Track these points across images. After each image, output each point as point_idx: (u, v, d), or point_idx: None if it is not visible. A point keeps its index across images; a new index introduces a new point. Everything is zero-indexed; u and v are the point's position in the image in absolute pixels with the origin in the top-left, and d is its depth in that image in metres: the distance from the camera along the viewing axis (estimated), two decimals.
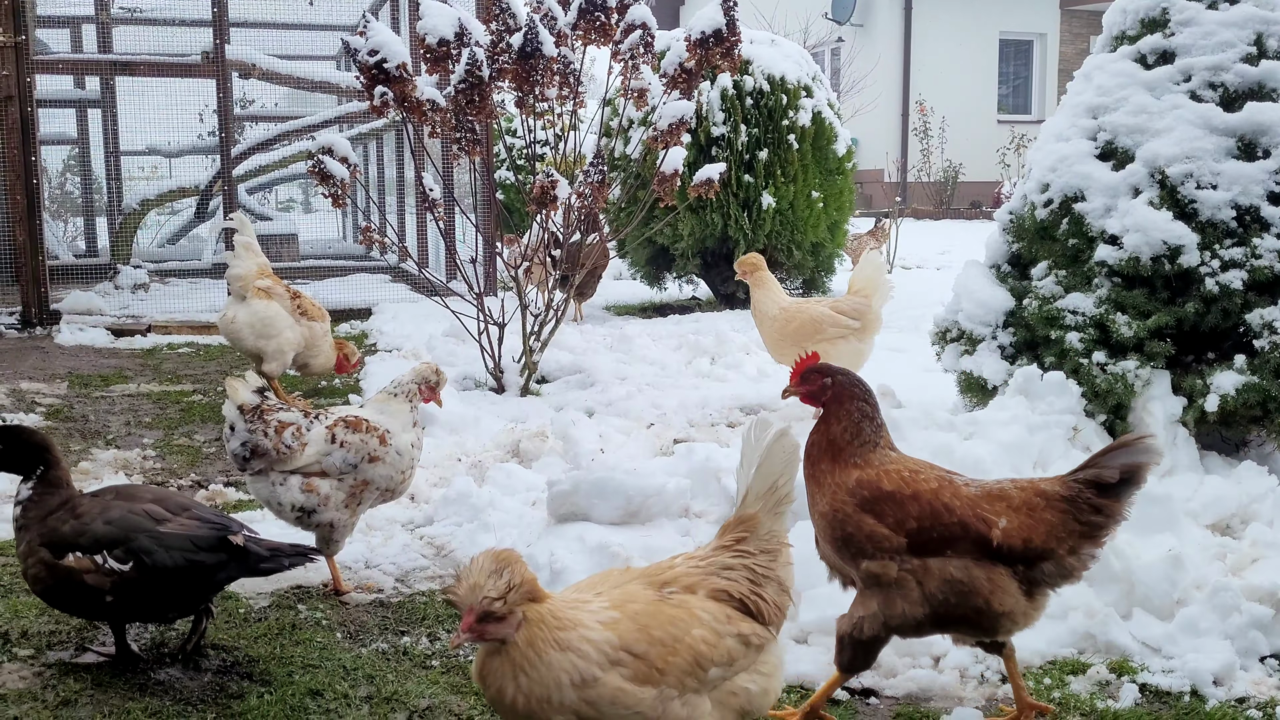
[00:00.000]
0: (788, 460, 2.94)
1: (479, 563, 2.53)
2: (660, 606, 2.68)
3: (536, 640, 2.52)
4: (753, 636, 2.78)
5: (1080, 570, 3.36)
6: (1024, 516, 3.31)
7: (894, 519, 3.34)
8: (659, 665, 2.59)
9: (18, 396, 7.51)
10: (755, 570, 2.88)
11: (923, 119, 28.59)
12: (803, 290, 12.09)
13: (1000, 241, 5.88)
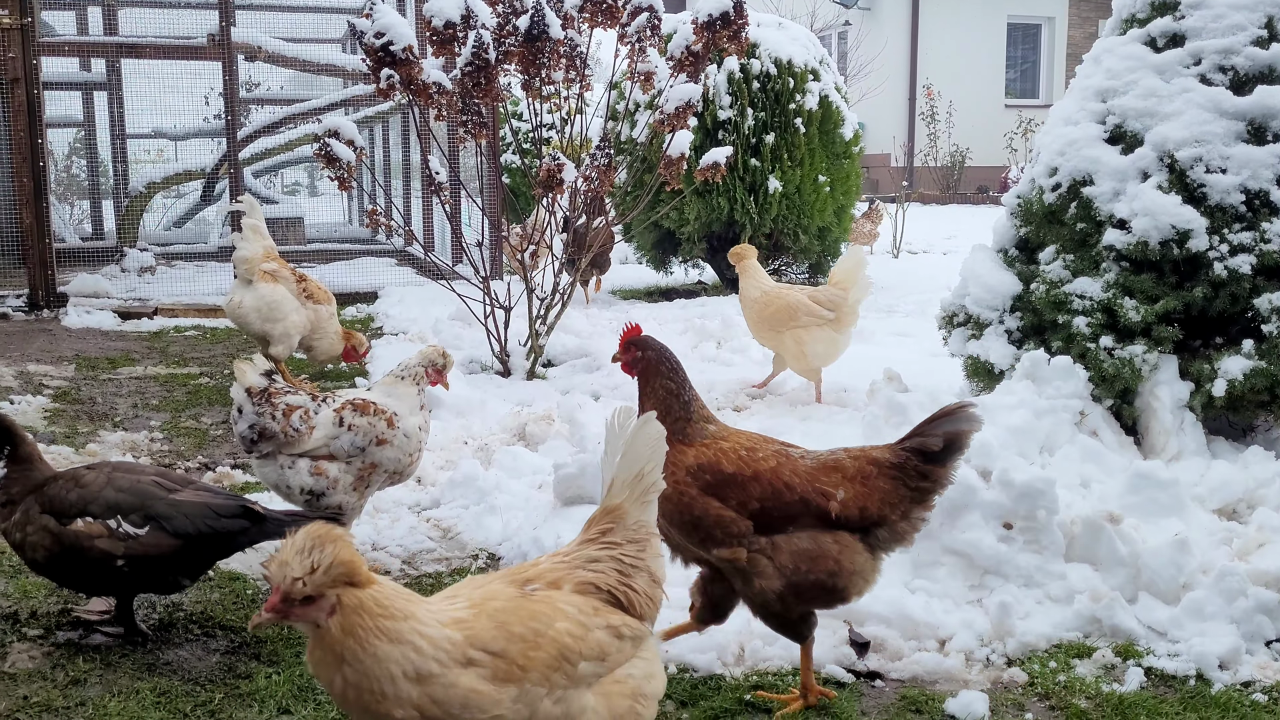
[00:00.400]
0: (653, 448, 2.81)
1: (294, 539, 2.33)
2: (521, 602, 2.55)
3: (356, 629, 2.33)
4: (624, 628, 2.66)
5: (912, 533, 3.48)
6: (859, 486, 3.42)
7: (738, 501, 3.39)
8: (520, 662, 2.45)
9: (25, 379, 7.53)
10: (623, 561, 2.77)
11: (930, 103, 28.48)
12: (809, 275, 12.07)
13: (1008, 225, 5.87)
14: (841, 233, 11.78)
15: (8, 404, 6.85)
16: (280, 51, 12.58)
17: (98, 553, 3.70)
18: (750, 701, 3.57)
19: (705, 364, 8.08)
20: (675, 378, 3.59)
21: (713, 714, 3.50)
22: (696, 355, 8.34)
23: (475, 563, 4.76)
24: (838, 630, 3.98)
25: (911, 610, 4.00)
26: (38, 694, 3.54)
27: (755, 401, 7.13)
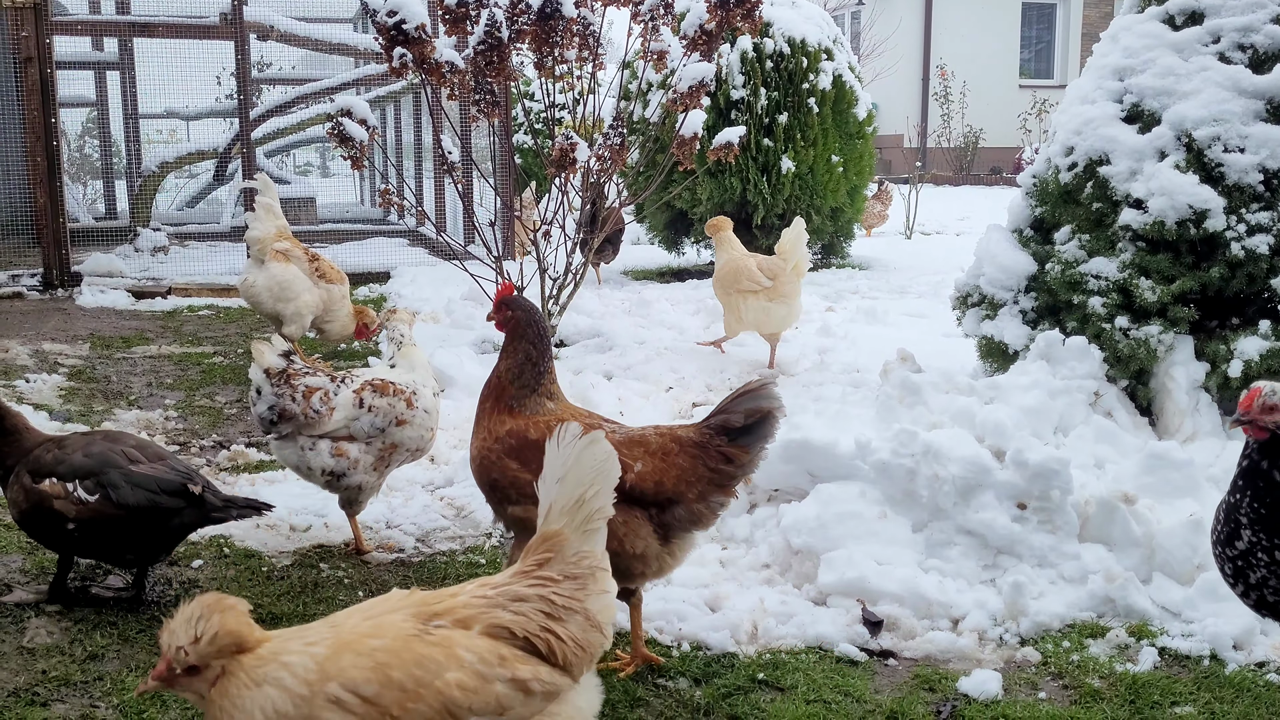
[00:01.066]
0: (598, 470, 2.56)
1: (186, 608, 2.25)
2: (411, 643, 2.29)
3: (231, 690, 2.21)
4: (534, 682, 2.36)
5: (709, 517, 3.47)
6: (658, 461, 3.42)
7: (536, 464, 3.28)
8: (394, 713, 2.21)
9: (40, 357, 7.57)
10: (553, 601, 2.47)
11: (943, 84, 28.31)
12: (821, 256, 12.03)
13: (1023, 205, 5.84)
14: (854, 213, 11.74)
15: (23, 382, 6.88)
16: (292, 31, 12.57)
17: (54, 512, 3.81)
18: (764, 680, 3.58)
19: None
20: (539, 344, 3.63)
21: (726, 691, 3.51)
22: (709, 335, 8.32)
23: (489, 540, 4.78)
24: (851, 609, 3.98)
25: (925, 589, 4.00)
26: (56, 668, 3.57)
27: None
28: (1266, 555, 3.00)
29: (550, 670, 2.41)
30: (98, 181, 18.04)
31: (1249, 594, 3.10)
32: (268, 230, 7.38)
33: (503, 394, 3.63)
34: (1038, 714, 3.37)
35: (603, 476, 2.58)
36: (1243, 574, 3.08)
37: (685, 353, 7.80)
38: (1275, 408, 2.93)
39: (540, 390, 3.62)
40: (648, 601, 4.02)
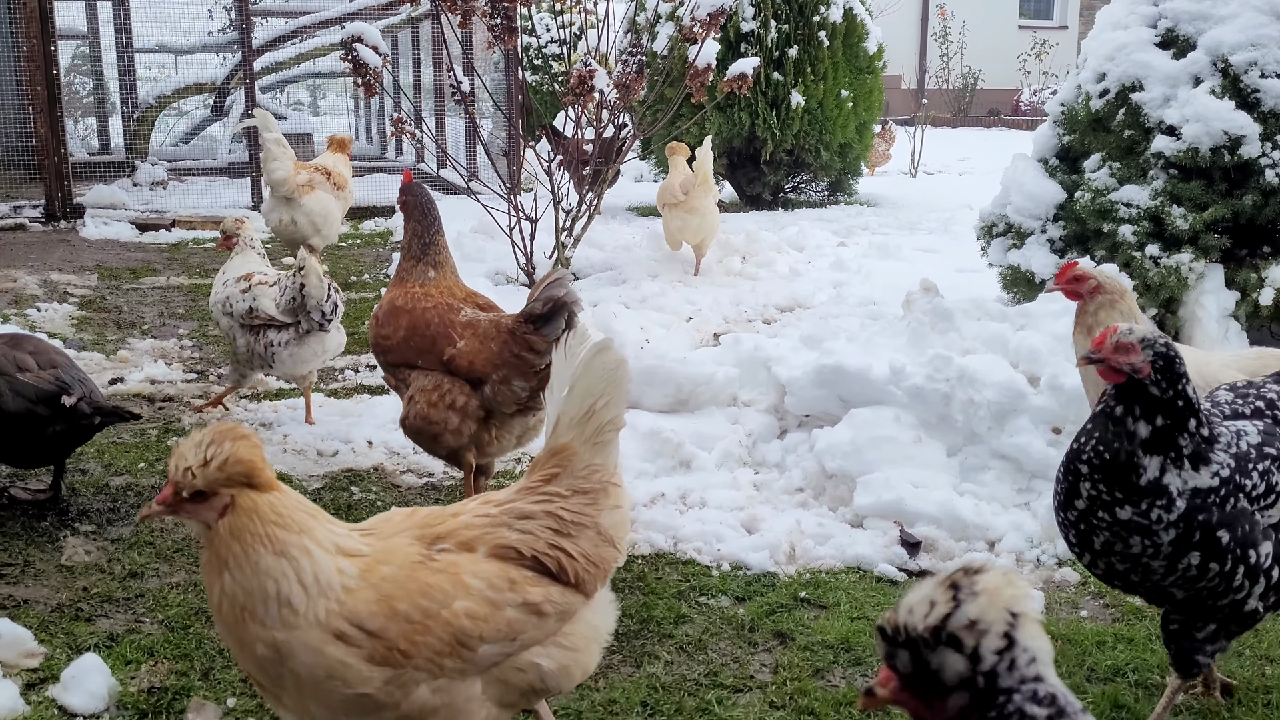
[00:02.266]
0: (609, 379, 2.42)
1: (197, 434, 2.11)
2: (416, 572, 2.16)
3: (244, 532, 2.07)
4: (546, 604, 2.25)
5: (512, 399, 3.72)
6: (477, 342, 3.76)
7: (392, 328, 3.89)
8: (402, 646, 2.10)
9: (50, 287, 7.49)
10: (562, 518, 2.35)
11: (943, 24, 28.00)
12: (829, 193, 11.95)
13: (1049, 135, 5.78)
14: (863, 150, 11.65)
15: (35, 311, 6.82)
16: None
17: None
18: (806, 598, 3.59)
19: (731, 277, 8.04)
20: (426, 221, 4.05)
21: (768, 609, 3.52)
22: (721, 269, 8.28)
23: (518, 466, 4.77)
24: (888, 531, 3.99)
25: (961, 512, 4.01)
26: (97, 586, 3.56)
27: (784, 314, 7.11)
28: (1108, 514, 2.59)
29: (562, 590, 2.29)
30: (89, 119, 17.78)
31: (1096, 563, 2.72)
32: (288, 169, 7.53)
33: (401, 267, 4.08)
34: (1081, 631, 3.39)
35: (614, 386, 2.44)
36: (1087, 540, 2.68)
37: (698, 285, 7.76)
38: (1129, 347, 2.56)
39: (426, 260, 4.01)
40: (685, 524, 4.03)
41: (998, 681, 1.33)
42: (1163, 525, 2.55)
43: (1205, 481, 2.56)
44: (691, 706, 2.99)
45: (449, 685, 2.17)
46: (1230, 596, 2.64)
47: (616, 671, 3.17)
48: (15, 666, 3.05)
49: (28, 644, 3.12)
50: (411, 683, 2.13)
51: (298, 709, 2.16)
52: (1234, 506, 2.58)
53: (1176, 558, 2.58)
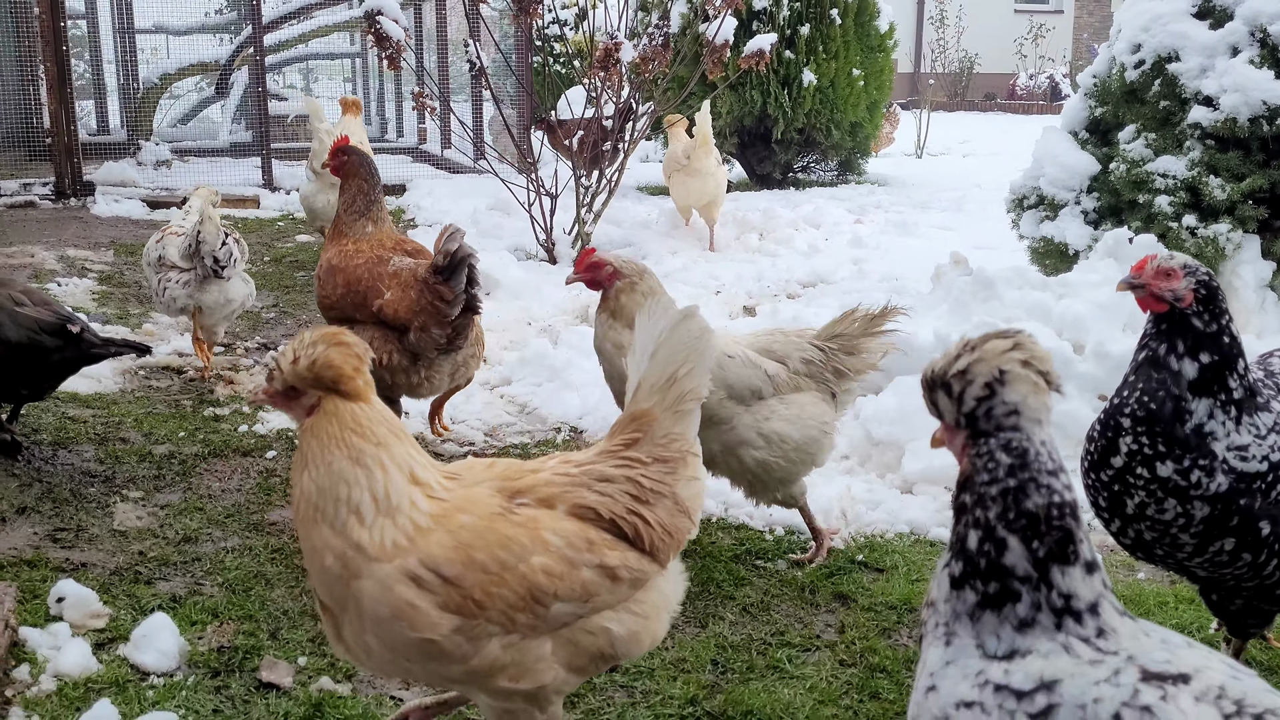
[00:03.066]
0: (692, 347, 2.38)
1: (304, 334, 2.15)
2: (495, 523, 2.14)
3: (323, 432, 2.09)
4: (622, 569, 2.23)
5: (431, 344, 4.03)
6: (400, 291, 4.03)
7: (330, 287, 4.20)
8: (477, 596, 2.08)
9: (68, 262, 7.44)
10: (641, 484, 2.31)
11: (940, 7, 27.96)
12: (839, 173, 11.94)
13: (1080, 107, 5.78)
14: (873, 129, 11.64)
15: (55, 285, 6.77)
16: None
17: None
18: (863, 561, 3.59)
19: (750, 254, 8.04)
20: (369, 180, 4.36)
21: (827, 571, 3.53)
22: (740, 246, 8.28)
23: (559, 435, 4.76)
24: (939, 496, 4.00)
25: None
26: (152, 550, 3.55)
27: (807, 290, 7.10)
28: (1147, 470, 2.45)
29: (638, 556, 2.26)
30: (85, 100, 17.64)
31: (1126, 530, 2.59)
32: None
33: (339, 223, 4.36)
34: (1141, 591, 3.40)
35: (697, 354, 2.39)
36: (1119, 503, 2.55)
37: (719, 261, 7.75)
38: (1171, 273, 2.44)
39: (368, 215, 4.31)
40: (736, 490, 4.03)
41: (977, 424, 1.57)
42: (1200, 494, 2.43)
43: (1253, 466, 2.43)
44: (762, 665, 3.00)
45: (520, 643, 2.14)
46: (1257, 582, 2.55)
47: (682, 632, 3.17)
48: (82, 626, 3.04)
49: (93, 605, 3.11)
50: (483, 635, 2.10)
51: (357, 644, 2.13)
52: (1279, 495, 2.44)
53: (1210, 538, 2.47)
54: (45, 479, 4.03)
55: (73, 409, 4.79)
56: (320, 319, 4.70)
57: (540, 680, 2.19)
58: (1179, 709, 1.40)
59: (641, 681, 2.91)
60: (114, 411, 4.82)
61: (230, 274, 5.27)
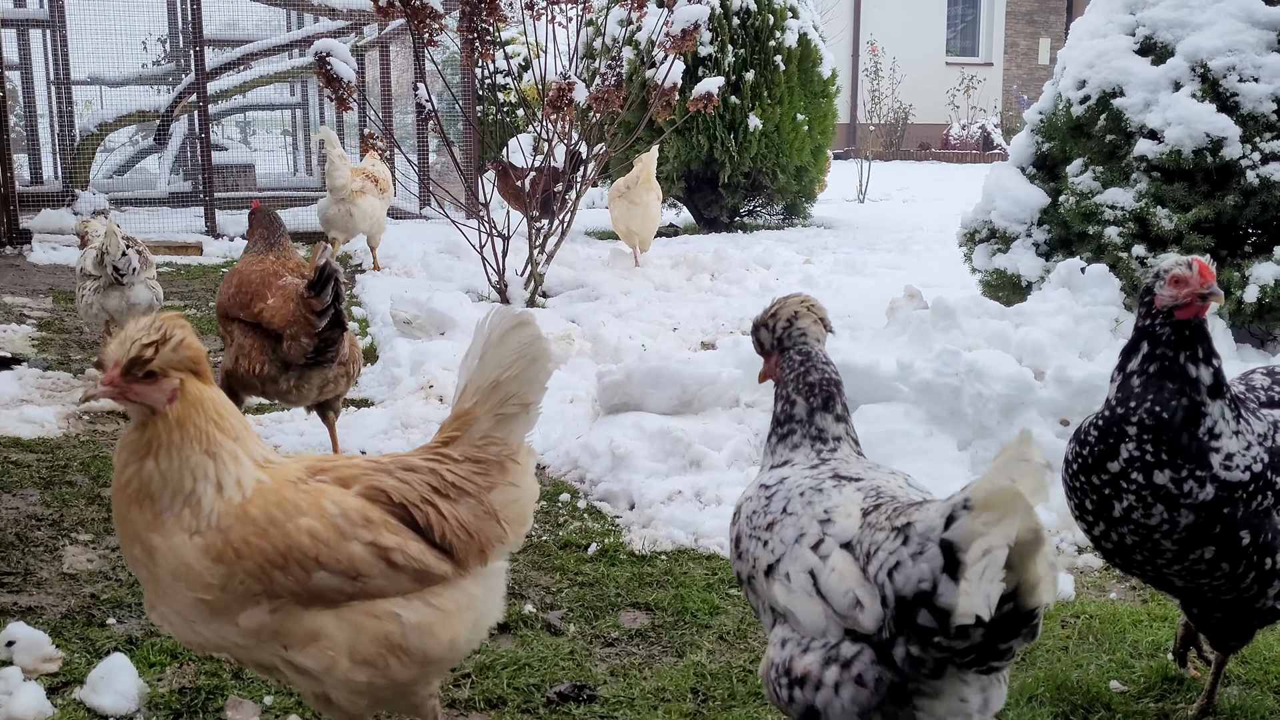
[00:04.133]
0: (520, 353, 2.39)
1: (137, 322, 2.11)
2: (282, 487, 2.18)
3: (188, 422, 2.10)
4: (398, 553, 2.20)
5: (300, 353, 4.24)
6: (281, 302, 4.29)
7: (227, 284, 4.54)
8: (236, 545, 2.10)
9: (5, 309, 7.24)
10: (444, 478, 2.32)
11: (874, 60, 28.57)
12: (784, 216, 12.07)
13: (1027, 143, 5.89)
14: (818, 173, 11.79)
15: None
16: None
17: None
18: None
19: (703, 294, 8.05)
20: (269, 228, 4.78)
21: None
22: (692, 286, 8.29)
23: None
24: None
25: None
26: (105, 592, 3.41)
27: None
28: (1143, 476, 2.49)
29: (424, 548, 2.24)
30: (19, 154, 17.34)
31: (1109, 534, 2.62)
32: (347, 178, 8.77)
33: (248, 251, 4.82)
34: (1116, 612, 3.41)
35: (524, 360, 2.39)
36: (1106, 505, 2.58)
37: (674, 301, 7.75)
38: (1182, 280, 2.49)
39: (274, 247, 4.70)
40: (705, 520, 3.99)
41: (782, 344, 2.42)
42: (1188, 502, 2.46)
43: (1236, 476, 2.47)
44: (744, 692, 2.94)
45: (287, 609, 2.15)
46: (1235, 595, 2.57)
47: (660, 661, 3.11)
48: (35, 670, 2.90)
49: (45, 648, 2.98)
50: (246, 594, 2.11)
51: (161, 614, 2.20)
52: (1260, 505, 2.49)
53: (1190, 545, 2.50)
54: None
55: (15, 453, 4.62)
56: None
57: (323, 661, 2.17)
58: (838, 492, 2.13)
59: (621, 711, 2.84)
60: (59, 455, 4.66)
61: (130, 280, 5.68)
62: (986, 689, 2.01)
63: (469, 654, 2.54)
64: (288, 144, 21.44)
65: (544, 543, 3.92)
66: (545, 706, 2.86)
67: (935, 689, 1.96)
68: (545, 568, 3.72)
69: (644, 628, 3.31)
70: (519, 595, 3.50)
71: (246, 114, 21.54)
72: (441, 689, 2.92)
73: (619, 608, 3.44)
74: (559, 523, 4.11)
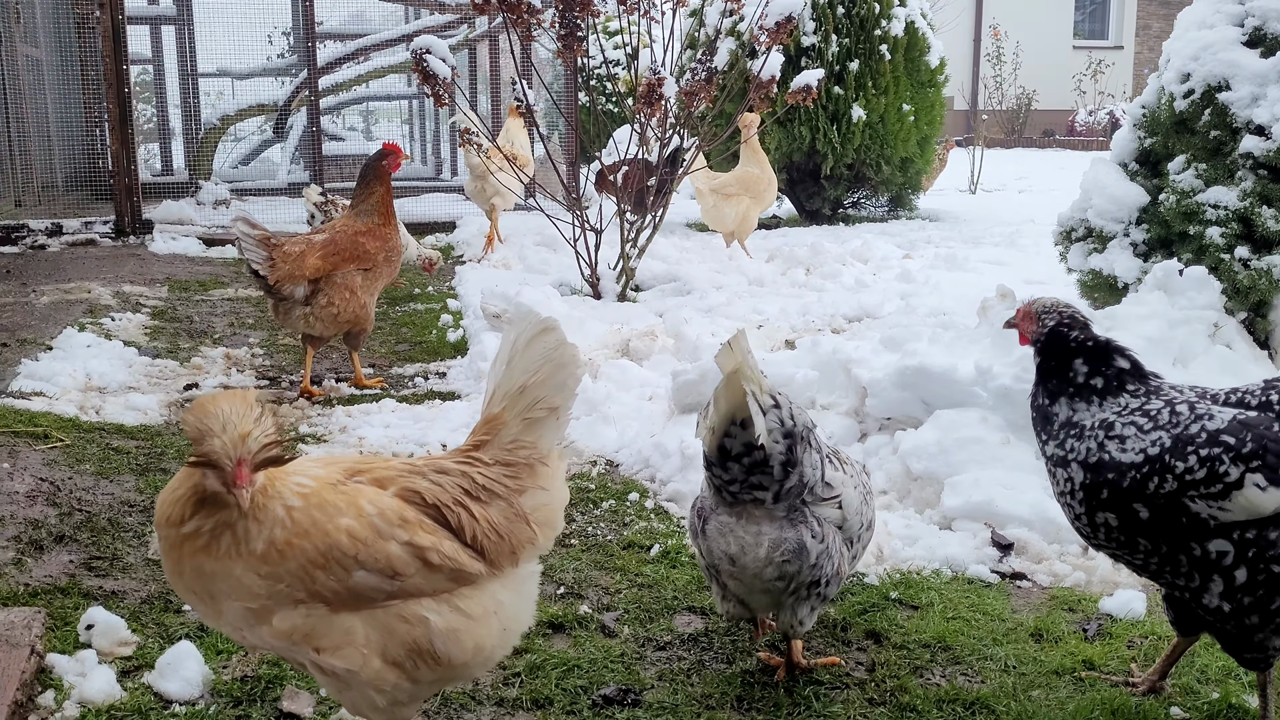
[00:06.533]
0: (545, 360, 2.44)
1: (230, 407, 2.13)
2: (322, 489, 2.26)
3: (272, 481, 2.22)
4: (433, 553, 2.27)
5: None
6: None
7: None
8: (279, 547, 2.17)
9: (123, 298, 7.59)
10: (475, 480, 2.38)
11: (996, 44, 27.81)
12: (889, 207, 11.87)
13: (1129, 138, 5.68)
14: (924, 164, 11.56)
15: (110, 320, 6.90)
16: None
17: None
18: (898, 598, 3.51)
19: (796, 289, 7.98)
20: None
21: (859, 608, 3.45)
22: (786, 281, 8.23)
23: (594, 468, 4.73)
24: (979, 533, 3.90)
25: (1054, 514, 3.89)
26: None
27: (852, 324, 7.03)
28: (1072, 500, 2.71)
29: (458, 548, 2.31)
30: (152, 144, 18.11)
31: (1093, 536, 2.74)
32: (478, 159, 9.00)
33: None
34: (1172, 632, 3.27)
35: (551, 365, 2.45)
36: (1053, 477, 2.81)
37: (765, 296, 7.71)
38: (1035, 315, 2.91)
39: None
40: None
41: None
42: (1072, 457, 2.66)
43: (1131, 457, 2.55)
44: (788, 703, 2.93)
45: (328, 616, 2.22)
46: (1186, 583, 2.56)
47: (709, 668, 3.11)
48: (110, 654, 3.06)
49: (121, 632, 3.13)
50: (284, 596, 2.18)
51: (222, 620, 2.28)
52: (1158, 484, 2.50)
53: (1091, 509, 2.61)
54: (85, 508, 4.08)
55: (117, 440, 4.85)
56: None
57: (352, 662, 2.23)
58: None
59: (664, 717, 2.86)
60: (157, 443, 4.88)
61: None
62: (779, 527, 2.82)
63: (497, 662, 2.59)
64: (406, 134, 21.96)
65: (608, 542, 3.96)
66: (590, 709, 2.89)
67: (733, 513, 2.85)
68: (607, 568, 3.76)
69: (697, 632, 3.32)
70: (577, 595, 3.55)
71: (369, 105, 22.16)
72: (490, 688, 2.99)
73: (675, 611, 3.45)
74: (625, 522, 4.14)
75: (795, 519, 2.84)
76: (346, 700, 2.37)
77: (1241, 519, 2.44)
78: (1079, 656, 3.14)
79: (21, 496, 4.01)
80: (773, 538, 2.80)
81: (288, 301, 5.60)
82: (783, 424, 2.74)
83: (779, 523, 2.82)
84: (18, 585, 3.40)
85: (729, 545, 2.84)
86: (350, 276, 5.67)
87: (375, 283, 5.82)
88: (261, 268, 5.51)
